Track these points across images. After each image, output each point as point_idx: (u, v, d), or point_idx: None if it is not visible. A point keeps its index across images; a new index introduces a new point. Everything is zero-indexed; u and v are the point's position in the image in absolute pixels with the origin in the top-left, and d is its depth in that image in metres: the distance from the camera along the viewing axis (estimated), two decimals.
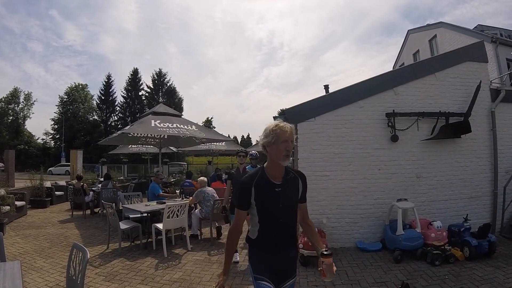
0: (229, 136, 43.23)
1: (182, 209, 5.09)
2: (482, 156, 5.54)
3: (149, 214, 5.44)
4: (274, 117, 6.22)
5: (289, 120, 5.11)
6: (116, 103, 43.51)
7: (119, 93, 43.64)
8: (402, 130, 5.28)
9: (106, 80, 43.51)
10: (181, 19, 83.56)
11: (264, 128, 1.82)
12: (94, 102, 44.17)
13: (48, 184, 10.31)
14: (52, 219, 7.69)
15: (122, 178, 14.93)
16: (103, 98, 43.00)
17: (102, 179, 10.24)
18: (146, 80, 45.69)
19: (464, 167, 5.46)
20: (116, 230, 5.13)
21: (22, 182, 10.96)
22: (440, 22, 16.58)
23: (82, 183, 8.55)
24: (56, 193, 10.26)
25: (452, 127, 5.24)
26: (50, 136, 42.51)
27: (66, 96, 42.67)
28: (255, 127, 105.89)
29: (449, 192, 5.36)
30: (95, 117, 43.29)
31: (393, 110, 5.26)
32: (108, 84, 43.38)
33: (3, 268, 2.36)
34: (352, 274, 3.97)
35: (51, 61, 66.80)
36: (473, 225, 4.70)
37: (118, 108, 43.55)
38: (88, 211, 8.35)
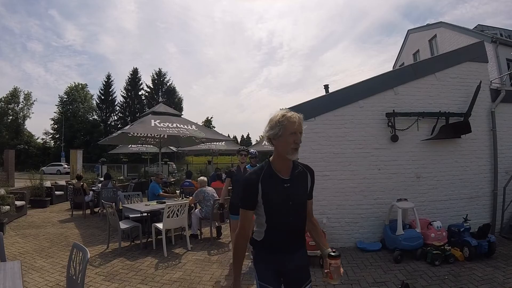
0: (229, 136, 43.31)
1: (182, 209, 5.10)
2: (482, 156, 5.54)
3: (149, 214, 5.44)
4: None
5: None
6: (116, 103, 43.59)
7: (119, 93, 43.75)
8: (402, 130, 5.29)
9: (106, 80, 43.59)
10: (181, 19, 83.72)
11: (269, 119, 1.62)
12: (94, 102, 44.27)
13: (48, 184, 10.31)
14: (52, 219, 7.69)
15: (122, 178, 14.95)
16: (103, 98, 43.03)
17: (102, 179, 10.25)
18: (146, 80, 45.81)
19: (464, 167, 5.46)
20: (116, 230, 5.13)
21: (22, 182, 10.96)
22: (440, 22, 16.58)
23: (82, 183, 8.55)
24: (56, 193, 10.26)
25: (452, 127, 5.24)
26: (50, 136, 42.61)
27: (66, 96, 42.75)
28: (255, 127, 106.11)
29: (449, 192, 5.36)
30: (95, 117, 43.36)
31: (393, 110, 5.27)
32: (108, 84, 43.42)
33: (3, 268, 2.36)
34: (352, 274, 3.97)
35: (51, 61, 67.02)
36: (473, 225, 4.70)
37: (118, 108, 43.62)
38: (88, 211, 8.35)
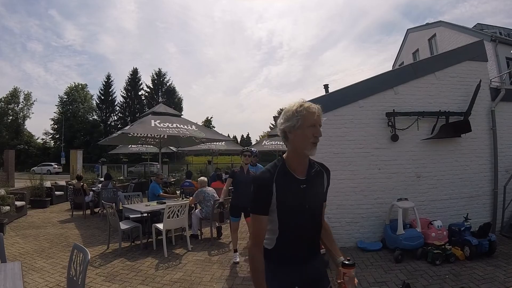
0: (229, 136, 43.26)
1: (182, 209, 5.09)
2: (482, 155, 5.54)
3: (149, 214, 5.44)
4: (275, 117, 6.19)
5: None
6: (116, 103, 43.64)
7: (119, 93, 43.79)
8: (402, 130, 5.28)
9: (106, 80, 43.62)
10: (181, 19, 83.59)
11: (284, 110, 1.47)
12: (94, 102, 44.30)
13: (48, 184, 10.32)
14: (52, 219, 7.69)
15: (122, 178, 14.96)
16: (103, 98, 43.05)
17: (102, 179, 10.25)
18: (146, 80, 45.82)
19: (464, 166, 5.46)
20: (116, 230, 5.13)
21: (22, 182, 10.97)
22: (440, 21, 16.58)
23: (82, 183, 8.55)
24: (56, 193, 10.27)
25: (452, 126, 5.23)
26: (50, 136, 42.67)
27: (66, 96, 42.77)
28: (255, 127, 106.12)
29: (449, 192, 5.36)
30: (95, 117, 43.40)
31: (393, 110, 5.26)
32: (108, 84, 43.45)
33: (4, 269, 2.36)
34: None
35: (51, 61, 67.00)
36: (474, 224, 4.69)
37: (118, 108, 43.67)
38: (88, 211, 8.35)
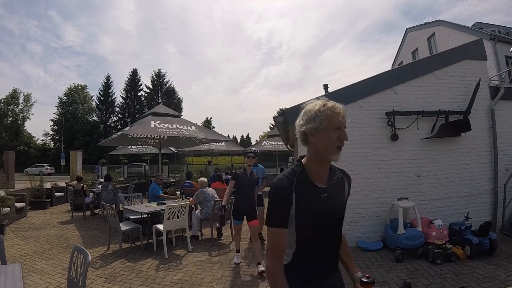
0: (229, 136, 43.29)
1: (183, 210, 5.09)
2: (482, 154, 5.53)
3: (150, 215, 5.43)
4: (274, 117, 6.18)
5: (289, 121, 5.10)
6: (116, 104, 43.71)
7: (119, 94, 43.89)
8: (402, 129, 5.28)
9: (105, 81, 43.72)
10: (180, 19, 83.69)
11: (304, 110, 1.34)
12: (94, 103, 44.35)
13: (48, 186, 10.31)
14: (52, 221, 7.68)
15: (122, 179, 14.96)
16: (103, 99, 43.10)
17: (102, 180, 10.24)
18: (145, 81, 46.00)
19: (464, 165, 5.45)
20: (117, 231, 5.12)
21: (22, 184, 10.95)
22: (439, 20, 16.59)
23: (82, 184, 8.55)
24: (56, 194, 10.25)
25: (452, 125, 5.23)
26: (50, 137, 42.74)
27: (66, 97, 42.80)
28: (255, 127, 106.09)
29: (450, 191, 5.36)
30: (95, 118, 43.44)
31: (393, 109, 5.26)
32: (107, 85, 43.51)
33: (4, 271, 2.35)
34: None
35: (50, 62, 67.02)
36: (474, 223, 4.69)
37: (118, 109, 43.72)
38: (88, 212, 8.34)
